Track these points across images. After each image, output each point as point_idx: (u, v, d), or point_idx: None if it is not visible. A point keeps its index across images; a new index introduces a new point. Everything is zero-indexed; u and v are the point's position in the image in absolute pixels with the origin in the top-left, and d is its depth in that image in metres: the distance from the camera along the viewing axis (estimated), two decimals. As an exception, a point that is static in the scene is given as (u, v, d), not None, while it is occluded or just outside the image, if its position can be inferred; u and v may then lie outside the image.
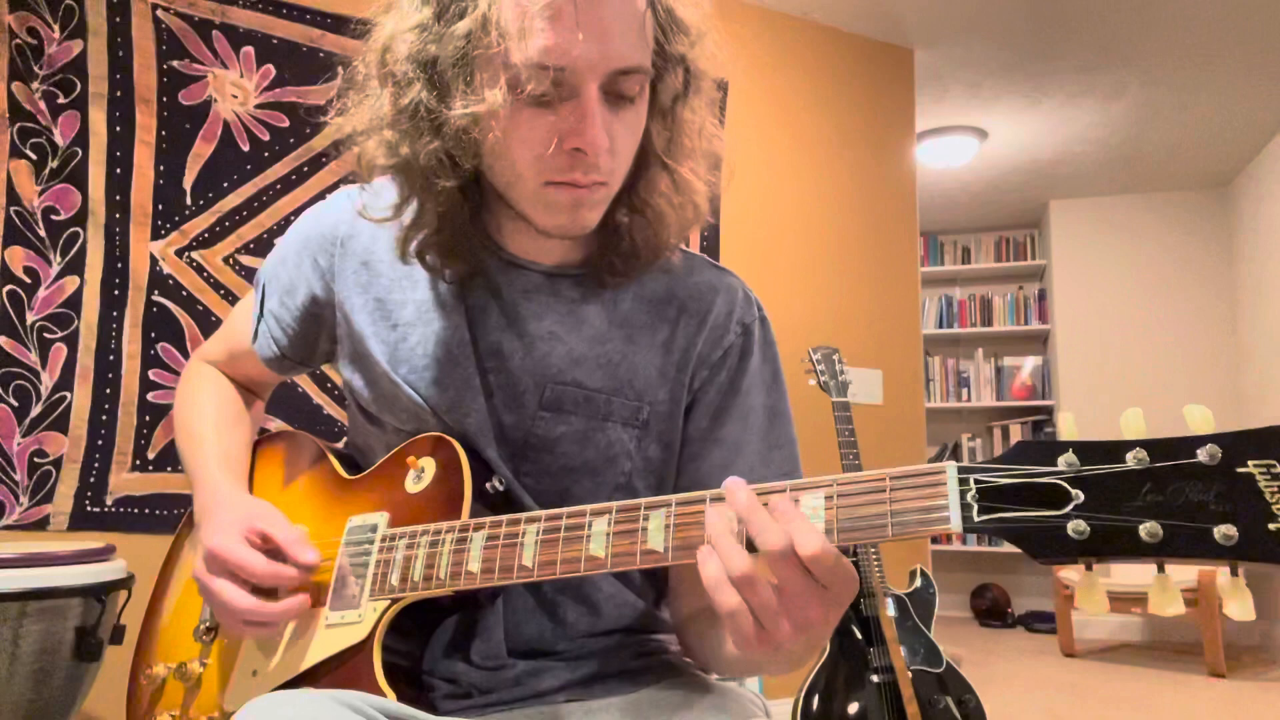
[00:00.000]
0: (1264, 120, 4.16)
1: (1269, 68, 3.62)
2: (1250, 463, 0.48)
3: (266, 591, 0.78)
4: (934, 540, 5.17)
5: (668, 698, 0.82)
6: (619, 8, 0.69)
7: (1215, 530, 0.48)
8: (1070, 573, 4.08)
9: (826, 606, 0.58)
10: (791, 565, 0.56)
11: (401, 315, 0.85)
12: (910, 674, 2.04)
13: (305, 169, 2.40)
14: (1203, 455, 0.49)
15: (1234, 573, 0.50)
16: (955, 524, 0.53)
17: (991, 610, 5.16)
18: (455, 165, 0.74)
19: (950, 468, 0.55)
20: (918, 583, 2.28)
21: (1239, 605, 0.49)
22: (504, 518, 0.72)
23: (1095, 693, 3.47)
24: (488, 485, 0.79)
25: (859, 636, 2.11)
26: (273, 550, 0.78)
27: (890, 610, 2.14)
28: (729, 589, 0.57)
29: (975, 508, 0.53)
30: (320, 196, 1.19)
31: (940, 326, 5.60)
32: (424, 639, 0.81)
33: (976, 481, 0.54)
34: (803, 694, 2.03)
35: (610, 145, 0.72)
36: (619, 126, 0.73)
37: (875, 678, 2.04)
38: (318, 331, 0.93)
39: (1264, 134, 4.31)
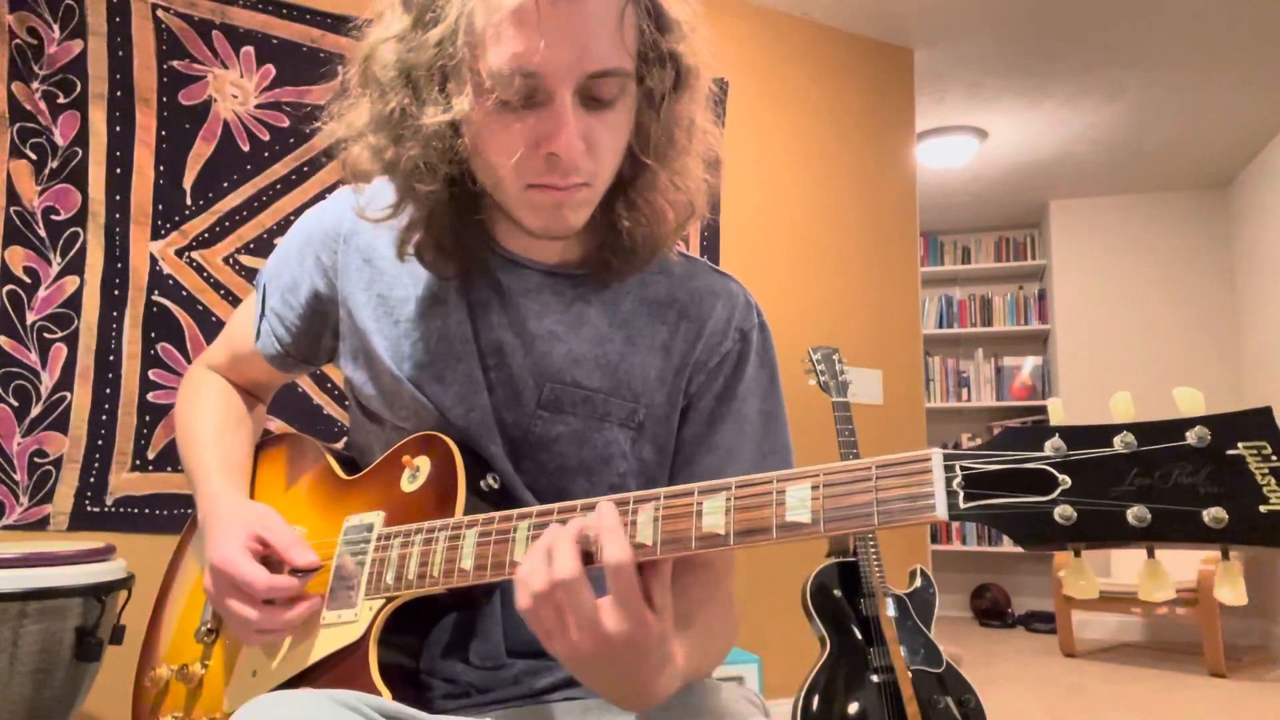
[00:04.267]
0: (1264, 120, 4.16)
1: (1269, 68, 3.62)
2: (1240, 444, 0.47)
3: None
4: (934, 540, 5.17)
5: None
6: (592, 11, 0.68)
7: (1204, 513, 0.47)
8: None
9: (564, 639, 0.61)
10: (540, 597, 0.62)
11: (404, 312, 0.86)
12: (910, 674, 2.04)
13: (305, 169, 2.40)
14: (1191, 438, 0.48)
15: (1225, 556, 0.49)
16: (941, 512, 0.53)
17: (991, 610, 5.16)
18: (438, 170, 0.74)
19: (935, 454, 0.54)
20: (918, 583, 2.28)
21: (1230, 589, 0.48)
22: (496, 514, 0.72)
23: (1095, 693, 3.47)
24: (482, 483, 0.79)
25: (859, 636, 2.11)
26: (273, 555, 0.79)
27: (890, 610, 2.14)
28: (524, 592, 0.63)
29: (961, 495, 0.53)
30: (320, 196, 1.19)
31: (940, 326, 5.60)
32: (422, 638, 0.81)
33: (962, 469, 0.53)
34: (803, 694, 2.03)
35: (589, 148, 0.72)
36: (599, 128, 0.72)
37: (875, 678, 2.04)
38: (322, 328, 0.93)
39: (1264, 134, 4.31)
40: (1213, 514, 0.47)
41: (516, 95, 0.69)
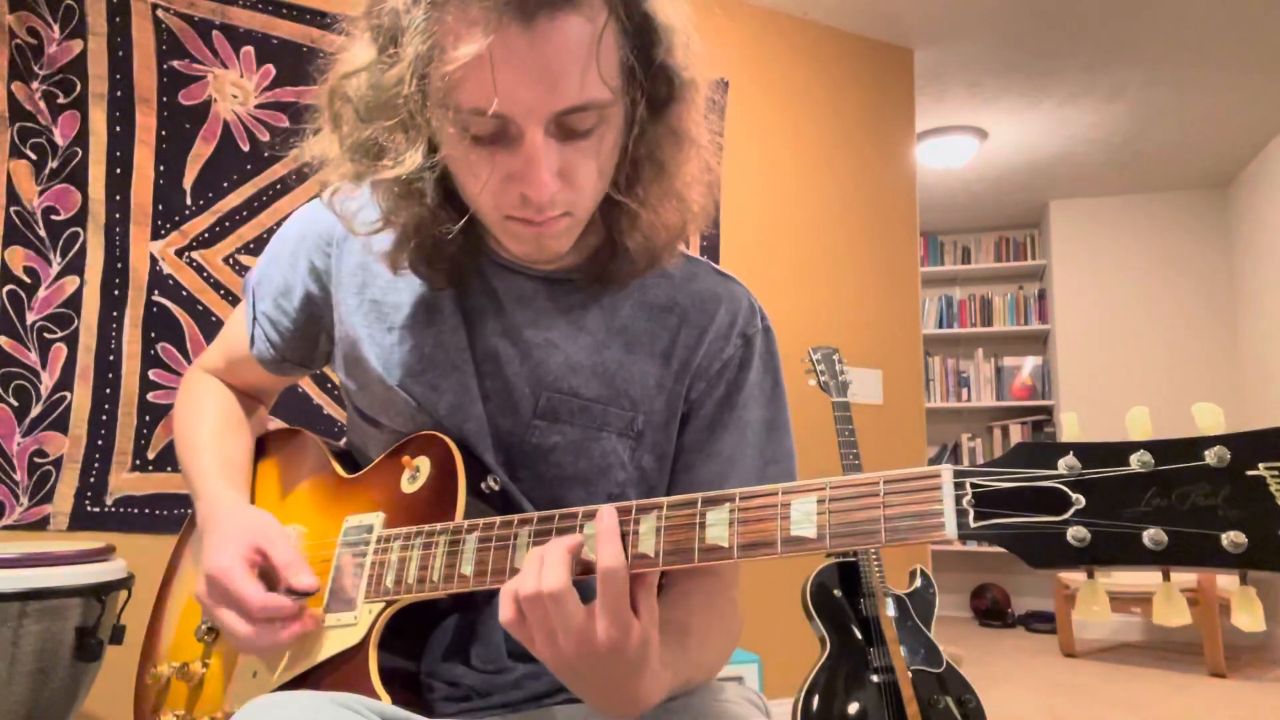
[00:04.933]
0: (1264, 120, 4.15)
1: (1269, 68, 3.62)
2: (1261, 465, 0.45)
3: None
4: (934, 540, 5.16)
5: (666, 699, 0.81)
6: (559, 45, 0.64)
7: (1223, 537, 0.45)
8: (1073, 574, 4.07)
9: (550, 646, 0.61)
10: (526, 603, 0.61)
11: (398, 319, 0.85)
12: (910, 674, 2.03)
13: (306, 169, 2.39)
14: (1210, 457, 0.46)
15: (1243, 581, 0.47)
16: (950, 531, 0.51)
17: (991, 610, 5.16)
18: (414, 200, 0.73)
19: (946, 471, 0.53)
20: (918, 583, 2.27)
21: (1249, 616, 0.46)
22: (496, 519, 0.71)
23: (1095, 693, 3.47)
24: (483, 485, 0.79)
25: (859, 636, 2.11)
26: (271, 569, 0.78)
27: (890, 610, 2.14)
28: (509, 600, 0.63)
29: (971, 514, 0.51)
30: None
31: (940, 326, 5.60)
32: (423, 641, 0.81)
33: (973, 486, 0.52)
34: (803, 694, 2.03)
35: (567, 180, 0.70)
36: (576, 157, 0.69)
37: (875, 678, 2.04)
38: (317, 332, 0.92)
39: (1264, 134, 4.31)
40: (1231, 538, 0.45)
41: (483, 131, 0.67)
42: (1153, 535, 0.47)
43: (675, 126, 0.75)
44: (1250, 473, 0.45)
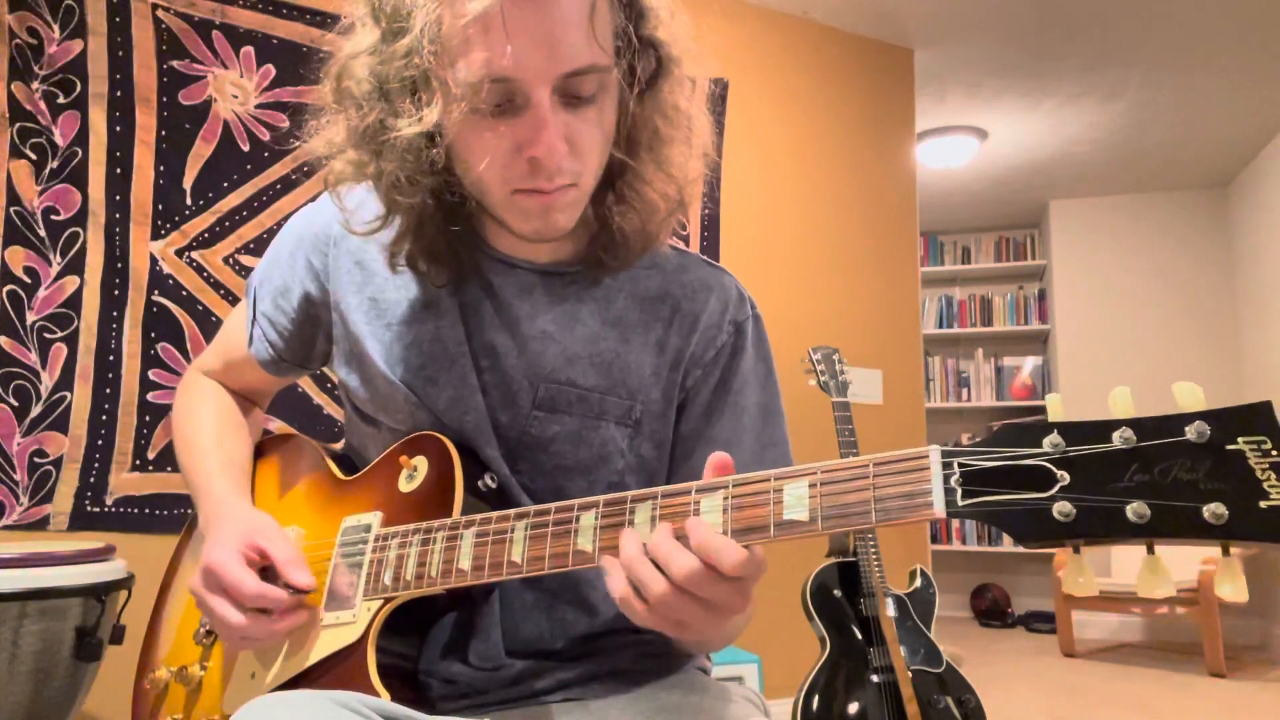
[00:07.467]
0: (1264, 120, 4.15)
1: (1269, 68, 3.62)
2: (1240, 439, 0.47)
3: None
4: (934, 540, 5.17)
5: (665, 697, 0.82)
6: (560, 9, 0.66)
7: (1204, 509, 0.46)
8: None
9: (707, 611, 0.61)
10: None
11: (396, 315, 0.85)
12: (910, 674, 2.03)
13: (305, 169, 2.40)
14: (1191, 433, 0.48)
15: (1225, 552, 0.49)
16: (939, 509, 0.53)
17: (991, 610, 5.16)
18: (417, 181, 0.74)
19: (933, 451, 0.54)
20: (918, 583, 2.27)
21: (1231, 586, 0.48)
22: (493, 514, 0.72)
23: (1095, 693, 3.46)
24: (480, 483, 0.79)
25: (859, 636, 2.11)
26: (269, 567, 0.78)
27: (890, 610, 2.14)
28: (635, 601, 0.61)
29: (959, 492, 0.53)
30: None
31: (940, 326, 5.60)
32: (421, 639, 0.81)
33: (960, 465, 0.53)
34: (803, 694, 2.03)
35: (572, 147, 0.71)
36: (580, 125, 0.71)
37: (875, 678, 2.04)
38: (314, 332, 0.93)
39: (1264, 134, 4.31)
40: (1213, 510, 0.46)
41: (491, 101, 0.68)
42: (1136, 509, 0.48)
43: (663, 100, 0.76)
44: (1229, 447, 0.47)
